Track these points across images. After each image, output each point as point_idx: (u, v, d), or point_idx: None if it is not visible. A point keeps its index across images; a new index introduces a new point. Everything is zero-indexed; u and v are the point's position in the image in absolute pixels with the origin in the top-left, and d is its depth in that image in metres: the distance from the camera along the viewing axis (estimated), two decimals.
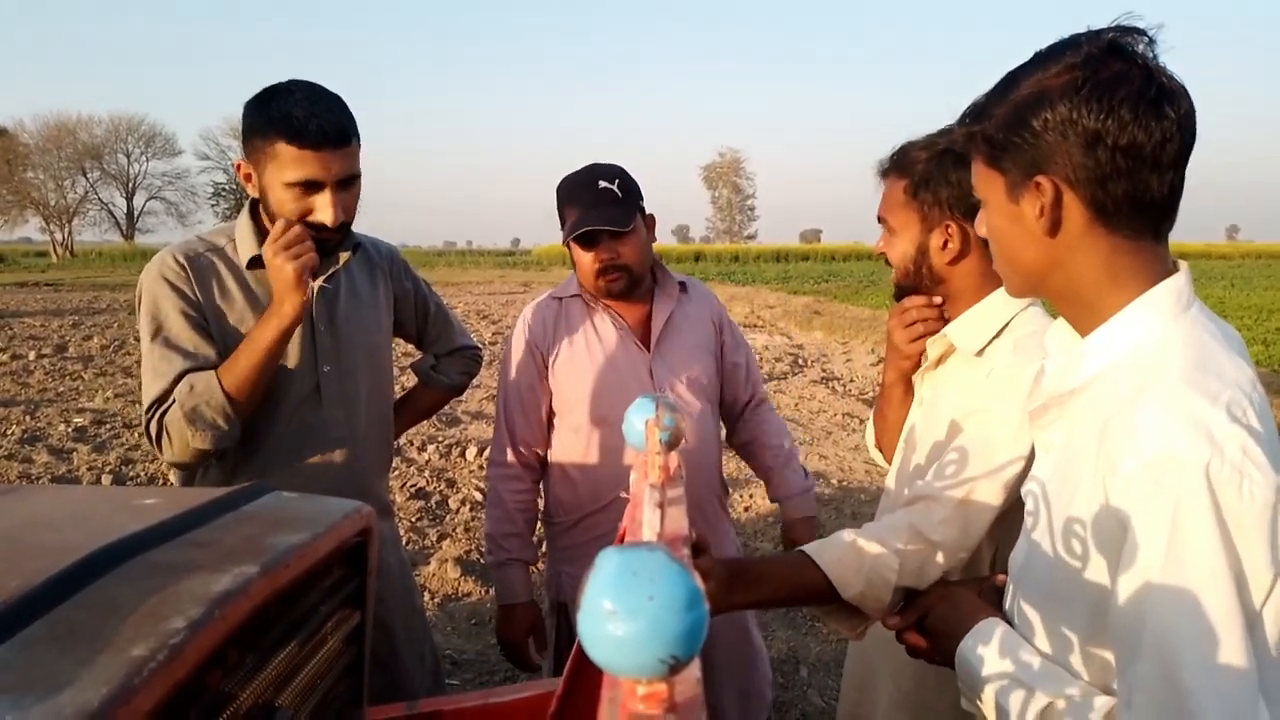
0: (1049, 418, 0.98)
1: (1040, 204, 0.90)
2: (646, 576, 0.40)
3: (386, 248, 1.90)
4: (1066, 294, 0.95)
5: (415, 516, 4.74)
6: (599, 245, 1.82)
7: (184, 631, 0.72)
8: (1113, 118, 0.83)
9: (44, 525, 0.99)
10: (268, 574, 0.86)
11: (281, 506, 1.09)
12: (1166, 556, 0.77)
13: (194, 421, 1.50)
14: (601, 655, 0.40)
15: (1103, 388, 0.89)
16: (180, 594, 0.78)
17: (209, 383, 1.50)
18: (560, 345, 1.92)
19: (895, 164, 1.39)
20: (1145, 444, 0.79)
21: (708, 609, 0.41)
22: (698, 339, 2.00)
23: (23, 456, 5.86)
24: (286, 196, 1.54)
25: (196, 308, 1.58)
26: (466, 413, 7.32)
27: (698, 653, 0.41)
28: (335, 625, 1.08)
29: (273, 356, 1.52)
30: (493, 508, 1.98)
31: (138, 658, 0.67)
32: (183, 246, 1.63)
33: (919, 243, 1.36)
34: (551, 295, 2.00)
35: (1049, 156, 0.88)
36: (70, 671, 0.65)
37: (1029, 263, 0.95)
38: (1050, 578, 0.94)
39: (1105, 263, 0.90)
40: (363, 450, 1.74)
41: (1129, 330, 0.89)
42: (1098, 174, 0.86)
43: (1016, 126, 0.89)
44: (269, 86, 1.57)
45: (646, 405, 0.91)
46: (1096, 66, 0.85)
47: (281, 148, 1.51)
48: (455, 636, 3.48)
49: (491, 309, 17.76)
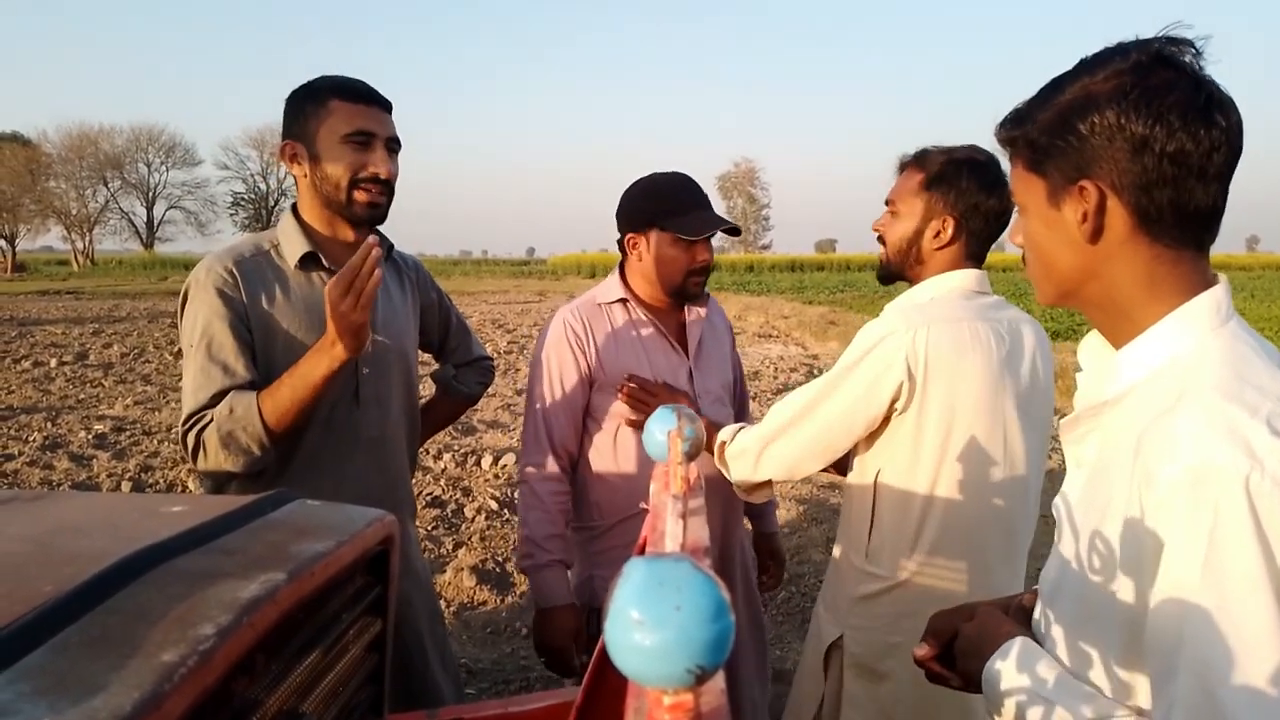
0: (1081, 430, 0.96)
1: (1083, 209, 0.88)
2: (673, 587, 0.41)
3: (413, 259, 1.94)
4: (1102, 303, 0.93)
5: (431, 525, 4.75)
6: (700, 244, 1.89)
7: (214, 638, 0.73)
8: (1161, 124, 0.82)
9: (74, 531, 1.01)
10: (294, 581, 0.87)
11: (306, 514, 1.11)
12: (1205, 570, 0.75)
13: (228, 445, 1.51)
14: (628, 665, 0.41)
15: (1138, 400, 0.88)
16: (209, 601, 0.79)
17: (249, 408, 1.51)
18: (603, 348, 1.92)
19: (916, 159, 1.62)
20: (1183, 455, 0.77)
21: (733, 619, 0.42)
22: (723, 348, 2.10)
23: (44, 463, 5.93)
24: (343, 151, 1.60)
25: (244, 318, 1.58)
26: (482, 421, 7.35)
27: (724, 663, 0.42)
28: (358, 633, 1.09)
29: (318, 392, 1.52)
30: (531, 510, 1.92)
31: (168, 663, 0.68)
32: (230, 253, 1.63)
33: (917, 228, 1.59)
34: (590, 299, 2.00)
35: (1094, 161, 0.87)
36: (103, 676, 0.66)
37: (1066, 269, 0.93)
38: (1082, 595, 0.92)
39: (1145, 272, 0.88)
40: (392, 451, 1.78)
41: (1166, 342, 0.87)
42: (1143, 180, 0.84)
43: (1061, 130, 0.88)
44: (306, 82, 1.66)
45: (668, 416, 0.92)
46: (1145, 73, 0.84)
47: (337, 104, 1.60)
48: (471, 645, 3.48)
49: (507, 318, 17.82)
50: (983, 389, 1.48)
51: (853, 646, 1.59)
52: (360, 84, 1.64)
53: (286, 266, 1.65)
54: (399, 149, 1.68)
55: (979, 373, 1.47)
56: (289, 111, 1.64)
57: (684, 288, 1.91)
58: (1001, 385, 1.49)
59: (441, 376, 2.07)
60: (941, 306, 1.52)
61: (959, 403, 1.47)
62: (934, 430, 1.48)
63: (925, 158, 1.60)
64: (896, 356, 1.45)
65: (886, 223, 1.64)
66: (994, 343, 1.49)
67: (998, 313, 1.56)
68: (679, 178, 1.93)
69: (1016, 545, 1.58)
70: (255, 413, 1.51)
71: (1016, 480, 1.53)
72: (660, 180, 1.92)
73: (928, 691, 1.46)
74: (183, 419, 1.56)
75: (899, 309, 1.56)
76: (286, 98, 1.65)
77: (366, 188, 1.63)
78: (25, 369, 10.14)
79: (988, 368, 1.48)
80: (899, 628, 1.53)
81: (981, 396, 1.48)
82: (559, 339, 1.93)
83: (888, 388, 1.47)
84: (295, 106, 1.63)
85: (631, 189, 1.94)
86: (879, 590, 1.56)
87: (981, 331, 1.49)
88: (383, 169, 1.63)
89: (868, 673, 1.57)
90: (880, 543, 1.56)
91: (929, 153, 1.61)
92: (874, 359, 1.48)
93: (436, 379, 2.07)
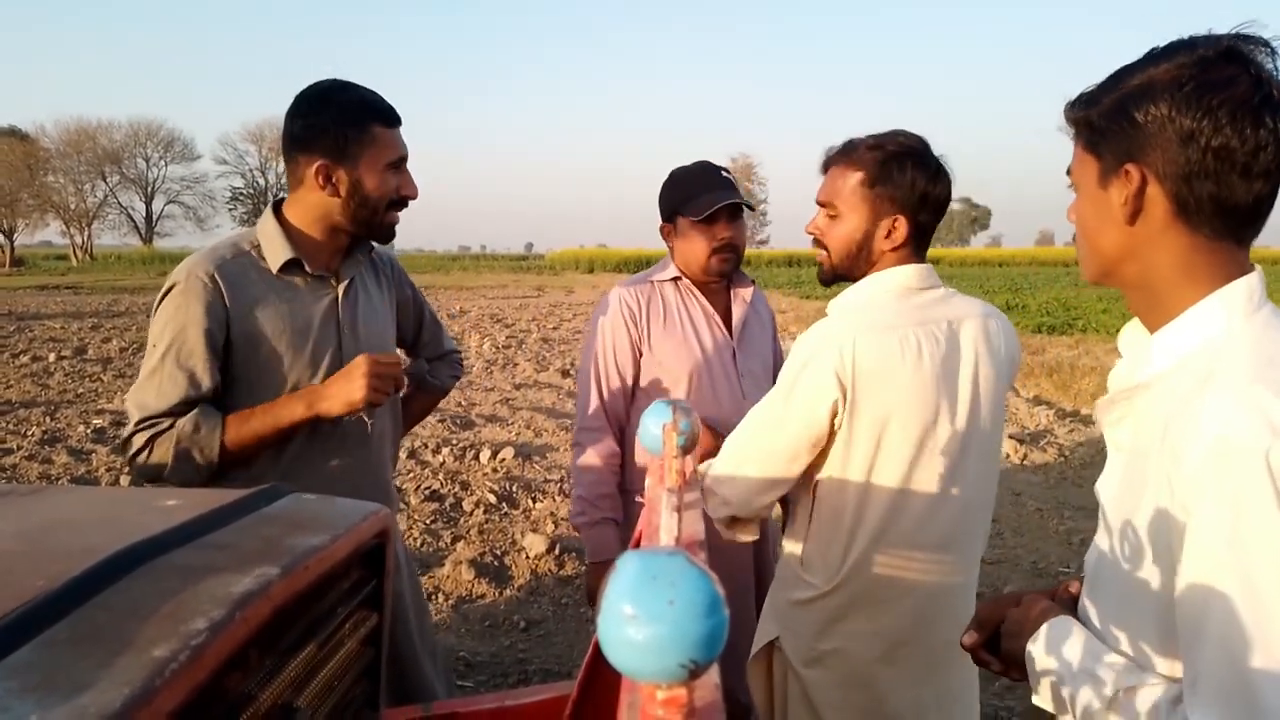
0: (1116, 414, 0.99)
1: (1125, 192, 0.92)
2: (667, 580, 0.40)
3: (387, 254, 1.94)
4: (1139, 285, 0.96)
5: (429, 518, 4.75)
6: (720, 223, 1.99)
7: (205, 633, 0.72)
8: (1210, 119, 0.85)
9: (66, 526, 1.00)
10: (287, 576, 0.86)
11: (300, 509, 1.10)
12: (1229, 541, 0.78)
13: (178, 458, 1.52)
14: (621, 659, 0.40)
15: (1169, 383, 0.90)
16: (201, 596, 0.79)
17: (211, 431, 1.53)
18: (655, 324, 2.06)
19: (846, 156, 1.53)
20: (1207, 432, 0.80)
21: (728, 614, 0.41)
22: (765, 332, 2.21)
23: (43, 457, 5.92)
24: (386, 177, 1.63)
25: (223, 325, 1.57)
26: (480, 415, 7.34)
27: (718, 658, 0.41)
28: (353, 627, 1.08)
29: (283, 433, 1.58)
30: (585, 471, 2.04)
31: (159, 659, 0.68)
32: (211, 256, 1.60)
33: (866, 230, 1.51)
34: (645, 277, 2.14)
35: (1143, 147, 0.90)
36: (92, 673, 0.66)
37: (1107, 248, 0.97)
38: (1120, 579, 0.95)
39: (1182, 259, 0.91)
40: (379, 447, 1.80)
41: (1198, 326, 0.90)
42: (1186, 171, 0.87)
43: (1118, 115, 0.92)
44: (315, 87, 1.63)
45: (663, 410, 0.91)
46: (1206, 68, 0.86)
47: (379, 131, 1.62)
48: (469, 638, 3.48)
49: (505, 312, 17.80)
50: (913, 399, 1.44)
51: (787, 647, 1.59)
52: (390, 106, 1.65)
53: (269, 270, 1.63)
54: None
55: (907, 383, 1.43)
56: (319, 127, 1.59)
57: (711, 265, 2.02)
58: (935, 392, 1.45)
59: (415, 371, 2.09)
60: (876, 311, 1.48)
61: (889, 413, 1.43)
62: (864, 442, 1.44)
63: (857, 154, 1.51)
64: (827, 376, 1.42)
65: (825, 225, 1.56)
66: (926, 349, 1.44)
67: (939, 310, 1.51)
68: (695, 166, 2.06)
69: (960, 552, 1.56)
70: (216, 437, 1.53)
71: (954, 490, 1.51)
72: (678, 172, 2.07)
73: (851, 696, 1.53)
74: (135, 418, 1.55)
75: (835, 312, 1.52)
76: (306, 105, 1.60)
77: (396, 209, 1.69)
78: (24, 364, 10.12)
79: (918, 376, 1.43)
80: (828, 634, 1.53)
81: (912, 406, 1.44)
82: (615, 313, 2.07)
83: (824, 409, 1.44)
84: (331, 126, 1.58)
85: (662, 184, 2.09)
86: (811, 597, 1.54)
87: (913, 338, 1.44)
88: (412, 191, 1.69)
89: (797, 674, 1.57)
90: (813, 551, 1.54)
91: (857, 147, 1.52)
92: (806, 383, 1.44)
93: (410, 374, 2.07)
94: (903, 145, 1.50)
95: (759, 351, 2.14)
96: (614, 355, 2.06)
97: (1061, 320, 14.26)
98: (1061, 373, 9.21)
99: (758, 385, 2.06)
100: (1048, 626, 1.00)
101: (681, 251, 2.07)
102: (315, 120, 1.59)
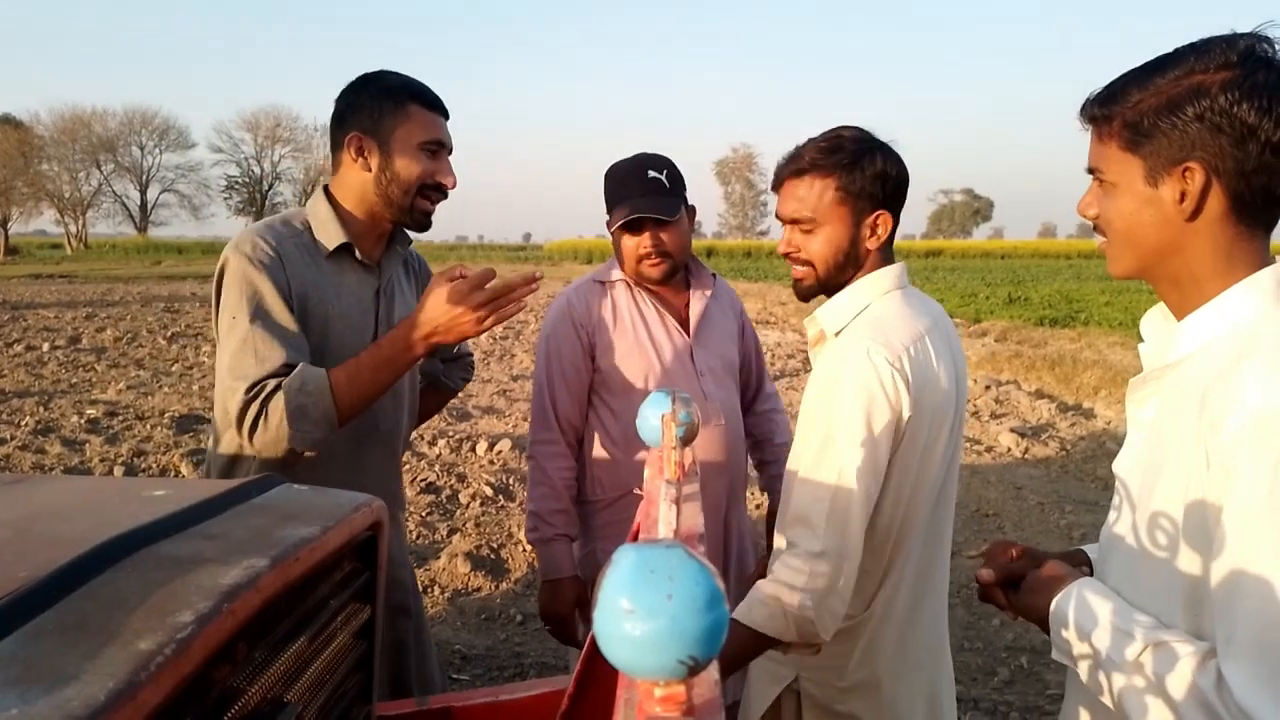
0: (1145, 393, 1.02)
1: (1183, 189, 0.93)
2: (665, 574, 0.39)
3: (416, 254, 1.95)
4: (1179, 277, 0.98)
5: (426, 511, 4.74)
6: (644, 232, 1.89)
7: (192, 625, 0.71)
8: (1269, 116, 0.88)
9: (53, 516, 0.99)
10: (277, 567, 0.84)
11: (292, 499, 1.08)
12: (1269, 501, 0.81)
13: (295, 420, 1.45)
14: (618, 655, 0.39)
15: (1200, 362, 0.94)
16: (188, 587, 0.77)
17: (320, 384, 1.47)
18: (605, 327, 1.98)
19: (813, 167, 1.43)
20: (1249, 401, 0.84)
21: (728, 609, 0.40)
22: (728, 328, 2.11)
23: (36, 447, 5.90)
24: (418, 157, 1.62)
25: (288, 294, 1.54)
26: (477, 407, 7.33)
27: (717, 654, 0.40)
28: (345, 620, 1.07)
29: (396, 379, 1.55)
30: (538, 485, 1.99)
31: (145, 651, 0.66)
32: (266, 229, 1.58)
33: (851, 236, 1.44)
34: (593, 278, 2.05)
35: (1198, 145, 0.92)
36: (76, 665, 0.64)
37: (1154, 244, 0.98)
38: (1139, 549, 0.98)
39: (1225, 250, 0.95)
40: (400, 441, 1.83)
41: (1229, 310, 0.94)
42: (1244, 167, 0.90)
43: (1167, 114, 0.93)
44: (363, 75, 1.66)
45: (662, 400, 0.90)
46: (1256, 66, 0.90)
47: (415, 109, 1.62)
48: (465, 631, 3.48)
49: None
50: (944, 403, 1.40)
51: (810, 688, 1.49)
52: (433, 93, 1.66)
53: (320, 251, 1.62)
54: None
55: (941, 391, 1.38)
56: (358, 104, 1.62)
57: (640, 271, 1.94)
58: (954, 395, 1.41)
59: (430, 371, 2.09)
60: (899, 324, 1.39)
61: (931, 424, 1.39)
62: (910, 457, 1.38)
63: (821, 160, 1.42)
64: (899, 394, 1.33)
65: (803, 241, 1.46)
66: (941, 350, 1.41)
67: (926, 306, 1.48)
68: (626, 165, 1.94)
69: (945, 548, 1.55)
70: (327, 389, 1.47)
71: (953, 489, 1.51)
72: (610, 169, 1.97)
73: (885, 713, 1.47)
74: (240, 391, 1.46)
75: (865, 334, 1.37)
76: (349, 87, 1.64)
77: (430, 195, 1.66)
78: (17, 353, 10.09)
79: (942, 382, 1.39)
80: (863, 662, 1.46)
81: (946, 412, 1.40)
82: (562, 317, 1.99)
83: (888, 442, 1.34)
84: (369, 101, 1.61)
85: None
86: (844, 627, 1.41)
87: (927, 341, 1.40)
88: (450, 180, 1.67)
89: (829, 713, 1.48)
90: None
91: (814, 153, 1.43)
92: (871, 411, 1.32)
93: (425, 373, 2.08)
94: (859, 139, 1.43)
95: (719, 349, 2.04)
96: (564, 362, 1.98)
97: (1064, 313, 14.26)
98: (1064, 366, 9.20)
99: (719, 382, 2.01)
100: (1078, 585, 1.03)
101: (619, 253, 1.99)
102: (355, 98, 1.63)
